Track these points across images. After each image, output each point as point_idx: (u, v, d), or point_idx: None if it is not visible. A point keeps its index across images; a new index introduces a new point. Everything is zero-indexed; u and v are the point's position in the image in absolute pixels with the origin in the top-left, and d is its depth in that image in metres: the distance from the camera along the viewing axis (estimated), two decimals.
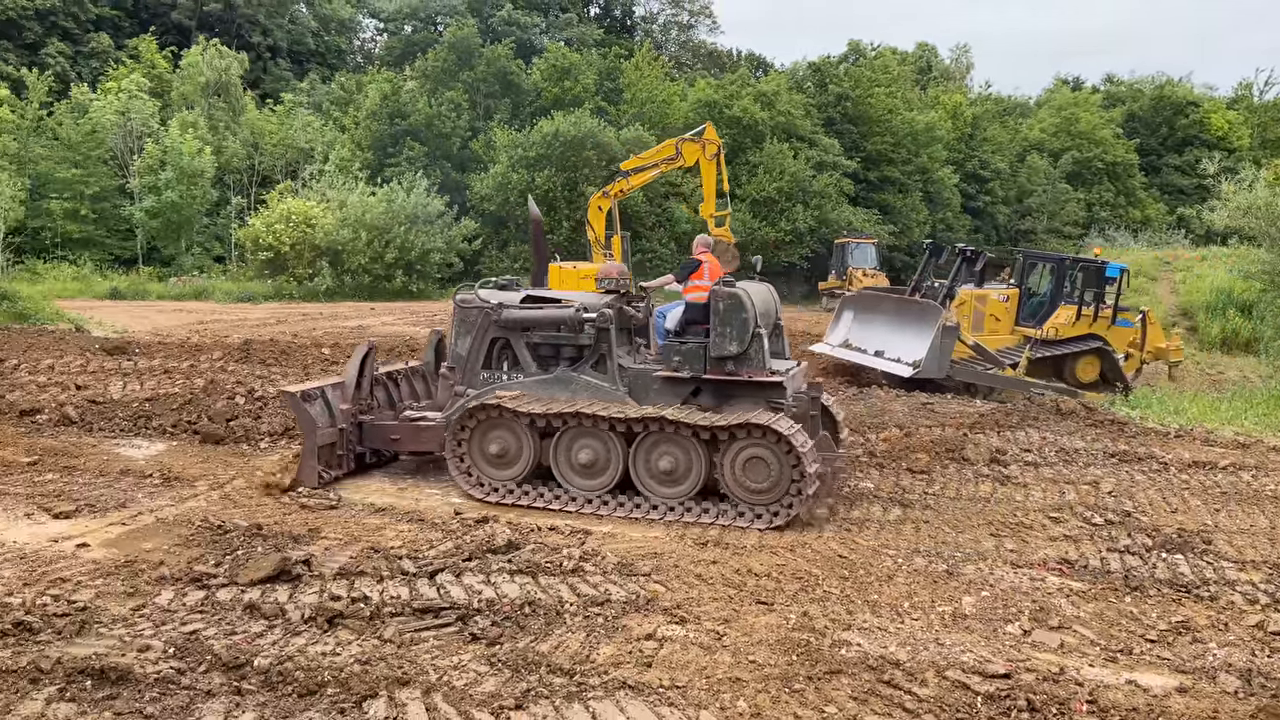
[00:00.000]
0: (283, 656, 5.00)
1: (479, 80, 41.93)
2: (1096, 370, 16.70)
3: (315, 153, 38.81)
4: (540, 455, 8.61)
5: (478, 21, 48.26)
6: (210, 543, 6.92)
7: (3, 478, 8.36)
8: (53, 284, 28.03)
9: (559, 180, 36.53)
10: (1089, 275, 17.12)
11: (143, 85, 37.61)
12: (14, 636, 5.08)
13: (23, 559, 6.45)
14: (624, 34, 61.89)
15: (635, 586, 6.23)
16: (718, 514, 8.09)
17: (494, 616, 5.66)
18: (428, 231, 33.42)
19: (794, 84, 46.21)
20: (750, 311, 8.33)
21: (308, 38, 55.90)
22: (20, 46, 42.31)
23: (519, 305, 9.22)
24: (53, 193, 33.54)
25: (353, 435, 9.34)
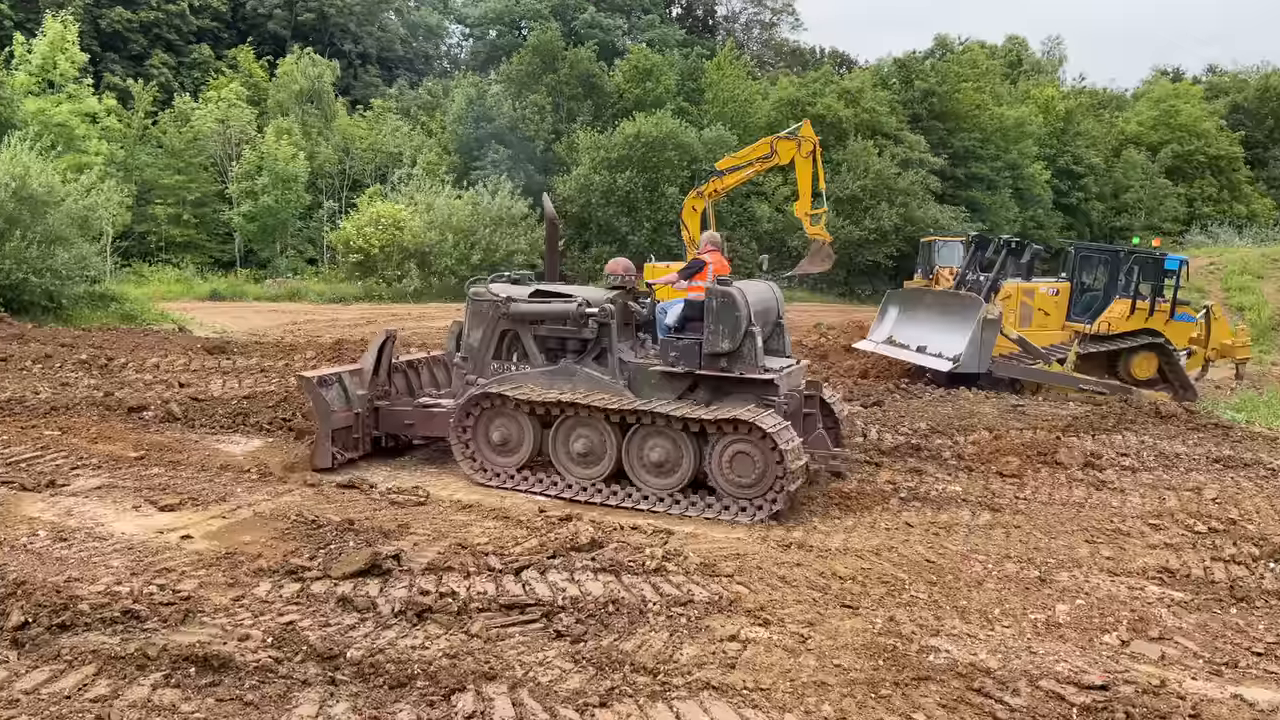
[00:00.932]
0: (374, 649, 5.12)
1: (562, 83, 42.32)
2: (1153, 367, 16.00)
3: (403, 157, 39.66)
4: (540, 443, 8.99)
5: (561, 25, 48.75)
6: (305, 537, 7.13)
7: (112, 471, 8.74)
8: (157, 286, 29.22)
9: (640, 181, 36.66)
10: (1147, 268, 16.41)
11: (241, 94, 38.95)
12: (122, 624, 5.30)
13: (130, 549, 6.74)
14: (706, 34, 61.82)
15: (718, 587, 6.22)
16: (705, 507, 8.31)
17: (578, 614, 5.71)
18: (511, 233, 33.85)
19: (878, 80, 45.52)
20: (743, 310, 8.48)
21: (396, 44, 57.21)
22: (127, 58, 44.24)
23: (527, 299, 9.49)
24: (157, 199, 34.98)
25: (369, 420, 9.78)
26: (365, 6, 54.41)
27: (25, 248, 18.79)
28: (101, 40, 42.82)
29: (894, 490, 9.00)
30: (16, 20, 39.41)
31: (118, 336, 16.69)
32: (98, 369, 13.26)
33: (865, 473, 9.64)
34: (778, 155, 21.12)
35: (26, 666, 4.77)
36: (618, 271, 9.65)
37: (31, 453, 9.12)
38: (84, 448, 9.48)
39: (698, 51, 50.03)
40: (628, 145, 36.84)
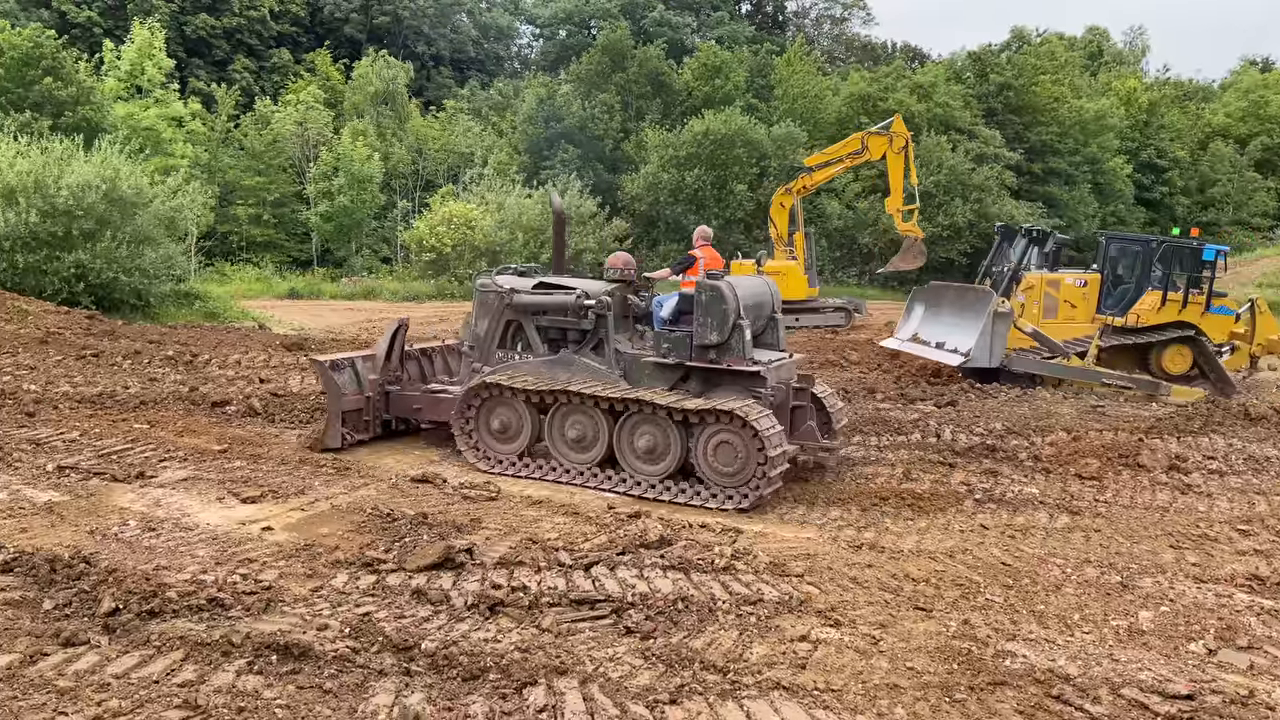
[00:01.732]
0: (448, 641, 5.21)
1: (631, 82, 42.44)
2: (1187, 361, 15.49)
3: (475, 157, 40.18)
4: (538, 430, 9.33)
5: (630, 24, 48.87)
6: (380, 530, 7.28)
7: (197, 463, 9.03)
8: (238, 284, 30.09)
9: (708, 179, 36.59)
10: (1184, 258, 15.74)
11: (318, 97, 39.89)
12: (208, 611, 5.48)
13: (215, 540, 6.96)
14: (775, 30, 61.41)
15: (788, 587, 6.18)
16: (692, 494, 8.55)
17: (647, 611, 5.73)
18: (580, 232, 34.05)
19: (952, 74, 44.71)
20: (731, 303, 8.68)
21: (468, 46, 57.98)
22: (210, 64, 45.63)
23: (530, 291, 9.80)
24: (238, 200, 36.02)
25: (379, 403, 10.25)
26: (438, 9, 55.26)
27: (116, 248, 19.49)
28: (187, 46, 44.22)
29: (968, 492, 8.84)
30: (106, 28, 40.95)
31: (201, 333, 17.22)
32: (183, 365, 13.71)
33: (938, 474, 9.48)
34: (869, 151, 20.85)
35: (117, 651, 4.95)
36: (617, 265, 9.90)
37: (122, 445, 9.47)
38: (171, 441, 9.81)
39: (767, 48, 49.71)
40: (696, 143, 36.80)
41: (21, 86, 25.96)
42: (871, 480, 9.25)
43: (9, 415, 10.17)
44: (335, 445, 9.86)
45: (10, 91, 25.67)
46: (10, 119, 23.95)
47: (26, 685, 4.53)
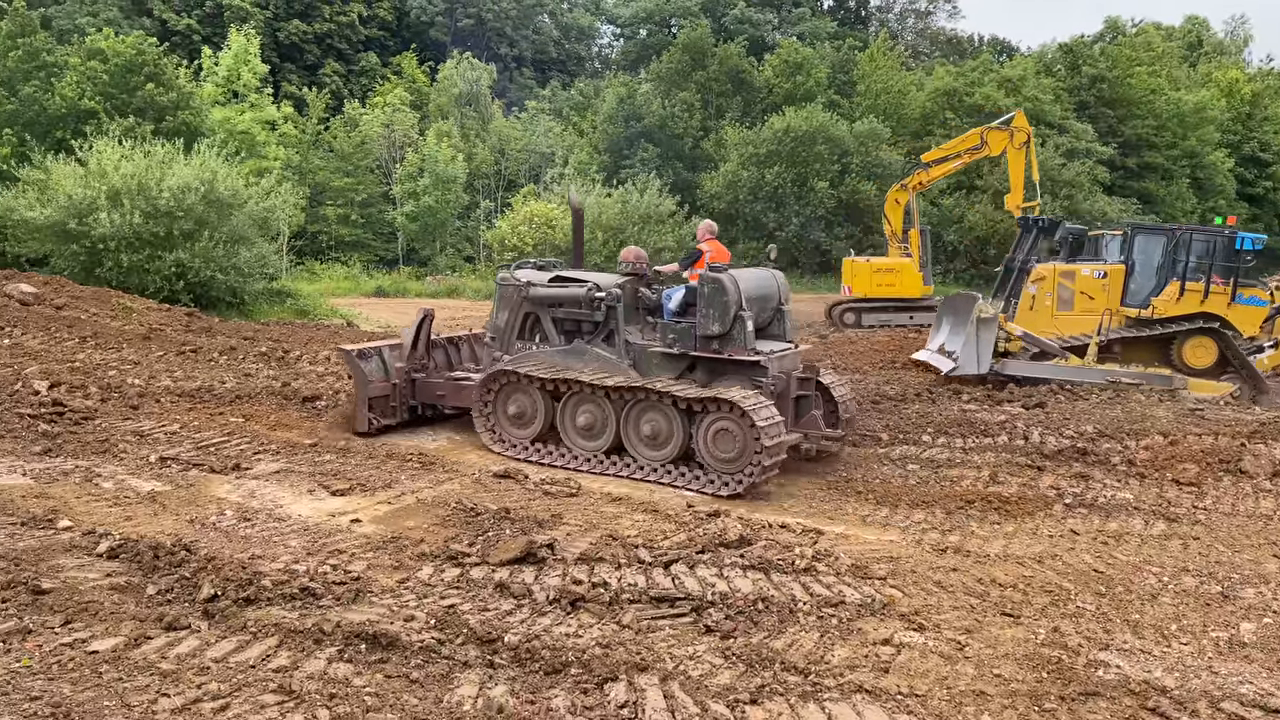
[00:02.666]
0: (530, 635, 5.28)
1: (711, 80, 42.32)
2: (1211, 354, 14.66)
3: (555, 157, 40.55)
4: (551, 417, 9.74)
5: (711, 21, 48.72)
6: (464, 524, 7.41)
7: (289, 456, 9.32)
8: (328, 283, 30.91)
9: (789, 176, 36.27)
10: (1216, 247, 14.95)
11: (404, 99, 40.70)
12: (300, 600, 5.65)
13: (306, 531, 7.17)
14: (858, 25, 60.56)
15: (870, 590, 6.10)
16: (691, 479, 8.91)
17: (727, 610, 5.72)
18: (659, 230, 34.09)
19: (1042, 67, 43.47)
20: (732, 296, 8.97)
21: (550, 47, 58.53)
22: (302, 68, 46.95)
23: (546, 284, 10.23)
24: (328, 200, 36.98)
25: (406, 390, 10.70)
26: (521, 11, 55.89)
27: (213, 247, 20.22)
28: (280, 52, 45.57)
29: (1058, 496, 8.60)
30: (204, 35, 42.44)
31: (293, 330, 17.73)
32: (276, 361, 14.15)
33: (1026, 477, 9.25)
34: (988, 146, 20.40)
35: (216, 636, 5.14)
36: (629, 259, 10.19)
37: (219, 438, 9.83)
38: (264, 434, 10.14)
39: (849, 43, 49.05)
40: (776, 140, 36.51)
41: (125, 92, 27.05)
42: (956, 483, 9.07)
43: (115, 408, 10.64)
44: (362, 430, 10.33)
45: (115, 97, 26.77)
46: (115, 124, 24.99)
47: (131, 667, 4.73)
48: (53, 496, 7.61)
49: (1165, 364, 14.81)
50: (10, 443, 9.19)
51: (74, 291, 16.26)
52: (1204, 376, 14.23)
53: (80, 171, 20.56)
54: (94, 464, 8.72)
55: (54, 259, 20.59)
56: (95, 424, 9.96)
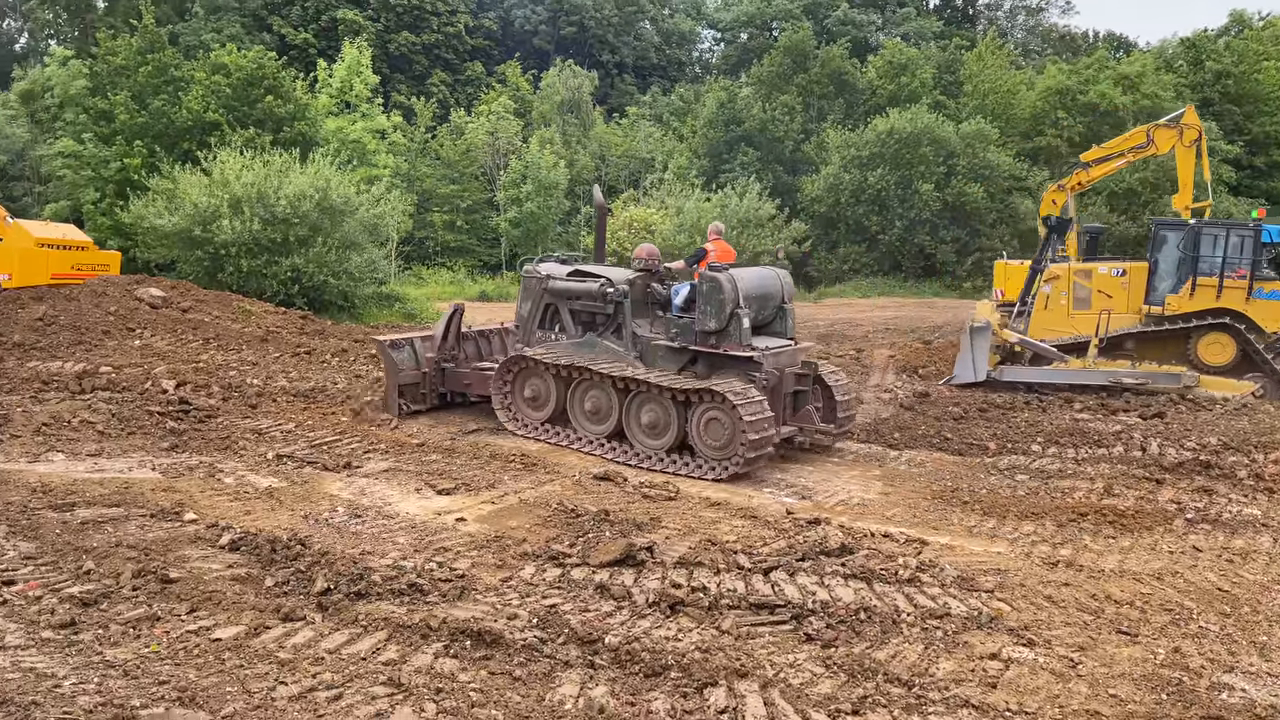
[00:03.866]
0: (630, 637, 5.31)
1: (813, 82, 41.89)
2: (1229, 351, 14.18)
3: (655, 162, 40.72)
4: (562, 400, 10.43)
5: (812, 24, 48.23)
6: (565, 524, 7.51)
7: (398, 456, 9.60)
8: (434, 287, 31.70)
9: (892, 179, 35.60)
10: (1242, 242, 14.34)
11: (508, 107, 41.47)
12: (408, 596, 5.82)
13: (413, 528, 7.38)
14: (965, 24, 59.10)
15: (977, 602, 5.95)
16: (681, 465, 9.50)
17: (828, 619, 5.65)
18: (759, 234, 33.89)
19: (1162, 63, 41.65)
20: (728, 294, 9.48)
21: (651, 53, 58.84)
22: (411, 78, 48.30)
23: (564, 278, 10.86)
24: (434, 207, 37.95)
25: (436, 378, 11.54)
26: (622, 18, 56.36)
27: (326, 253, 20.97)
28: (390, 63, 46.98)
29: (1178, 511, 8.22)
30: (320, 48, 44.04)
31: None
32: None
33: (1144, 490, 8.87)
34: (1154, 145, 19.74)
35: (329, 628, 5.33)
36: (642, 256, 10.72)
37: (331, 436, 10.19)
38: (373, 434, 10.47)
39: (956, 43, 47.89)
40: (880, 142, 35.88)
41: (246, 105, 28.26)
42: (1068, 495, 8.76)
43: (235, 407, 11.13)
44: (394, 414, 11.17)
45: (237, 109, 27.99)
46: (237, 135, 26.15)
47: (251, 655, 4.95)
48: (179, 490, 8.01)
49: (1184, 362, 14.36)
50: (141, 438, 9.71)
51: (198, 295, 17.06)
52: (1223, 374, 13.91)
53: (205, 181, 21.59)
54: (216, 460, 9.14)
55: (180, 264, 21.68)
56: (217, 422, 10.44)
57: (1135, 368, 13.81)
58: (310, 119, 30.30)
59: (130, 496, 7.66)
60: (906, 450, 10.67)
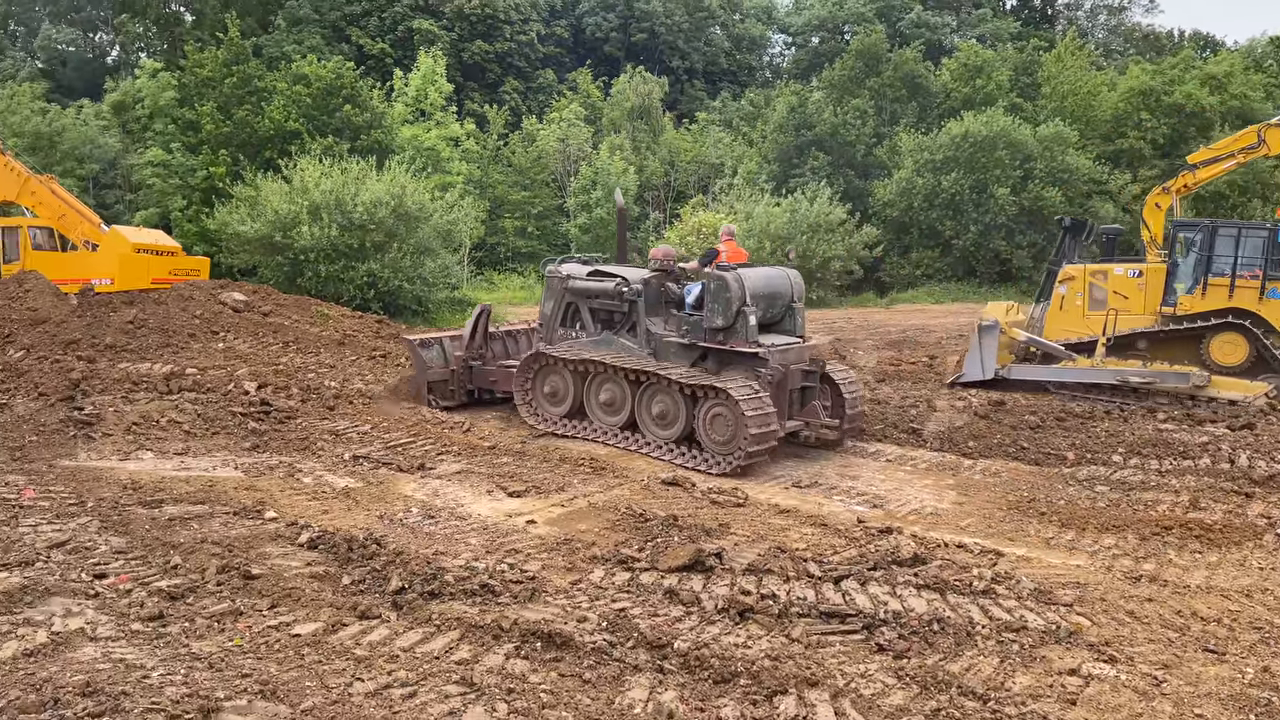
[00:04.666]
0: (699, 642, 5.31)
1: (885, 86, 41.39)
2: (1242, 351, 14.15)
3: (725, 167, 40.66)
4: (579, 395, 10.89)
5: (885, 27, 47.67)
6: (633, 529, 7.54)
7: (470, 458, 9.75)
8: (504, 292, 32.10)
9: (966, 183, 34.97)
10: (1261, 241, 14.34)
11: (579, 114, 41.83)
12: (480, 596, 5.90)
13: (485, 530, 7.48)
14: (1044, 24, 57.84)
15: (1055, 616, 5.81)
16: (688, 458, 9.90)
17: (900, 629, 5.58)
18: (828, 240, 33.59)
19: (1251, 63, 40.22)
20: (735, 292, 9.86)
21: (721, 58, 58.76)
22: (484, 86, 49.00)
23: (583, 278, 11.28)
24: (506, 213, 38.45)
25: (464, 376, 12.07)
26: (693, 23, 56.40)
27: (401, 258, 21.43)
28: (463, 71, 47.73)
29: (1269, 525, 7.92)
30: (396, 58, 44.96)
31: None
32: None
33: (1232, 504, 8.56)
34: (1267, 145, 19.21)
35: (404, 626, 5.43)
36: (658, 256, 11.15)
37: (406, 438, 10.39)
38: (446, 436, 10.65)
39: (1034, 43, 46.84)
40: (954, 146, 35.27)
41: (325, 114, 29.01)
42: (1151, 507, 8.50)
43: (314, 409, 11.41)
44: (422, 403, 11.83)
45: (316, 119, 28.75)
46: (316, 143, 26.84)
47: (329, 651, 5.07)
48: (260, 489, 8.25)
49: (1196, 363, 14.21)
50: (224, 438, 10.02)
51: (278, 299, 17.53)
52: (1236, 375, 13.79)
53: (285, 188, 22.22)
54: (295, 460, 9.39)
55: (261, 269, 22.35)
56: (296, 423, 10.72)
57: (1147, 368, 13.59)
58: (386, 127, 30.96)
59: (214, 494, 7.92)
60: (981, 459, 10.48)
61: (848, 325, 23.72)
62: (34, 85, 37.80)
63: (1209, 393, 12.85)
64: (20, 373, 11.87)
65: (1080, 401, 13.16)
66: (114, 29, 50.20)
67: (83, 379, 11.59)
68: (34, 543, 6.53)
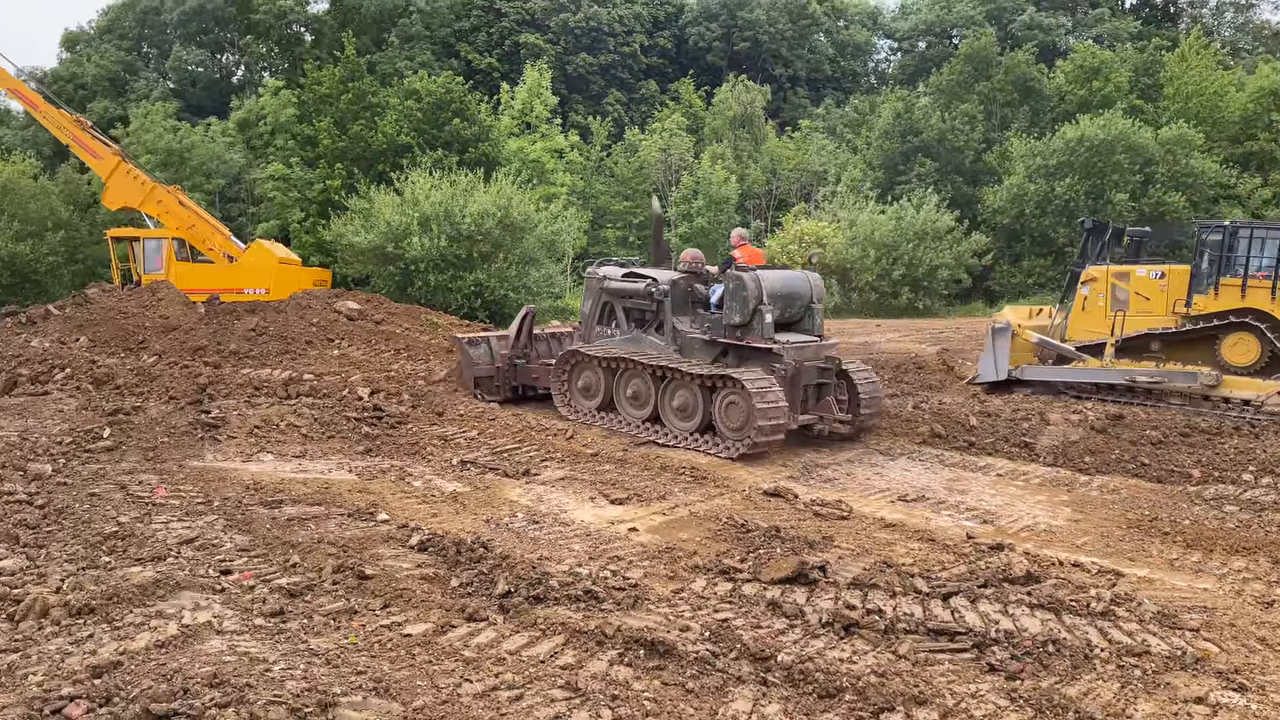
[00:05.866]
0: (803, 656, 5.25)
1: (995, 90, 40.33)
2: (1254, 351, 14.16)
3: (828, 175, 40.24)
4: (610, 390, 11.68)
5: (996, 29, 46.47)
6: (735, 539, 7.50)
7: (573, 465, 9.87)
8: None
9: (1082, 188, 33.76)
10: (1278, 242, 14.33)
11: (681, 124, 42.03)
12: (584, 602, 5.96)
13: (588, 536, 7.56)
14: (1165, 23, 55.45)
15: (1180, 641, 5.54)
16: (704, 442, 10.66)
17: (1013, 650, 5.41)
18: (936, 247, 32.88)
19: None
20: (751, 291, 10.61)
21: (825, 65, 58.23)
22: (587, 98, 49.70)
23: (618, 279, 12.01)
24: (608, 222, 38.89)
25: (509, 373, 12.88)
26: (796, 31, 56.05)
27: (506, 268, 21.91)
28: (568, 83, 48.52)
29: None
30: (503, 72, 46.00)
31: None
32: None
33: None
34: None
35: (510, 629, 5.53)
36: (686, 260, 11.99)
37: (511, 444, 10.58)
38: (549, 443, 10.80)
39: (1156, 43, 44.98)
40: (1069, 150, 34.12)
41: (435, 128, 29.87)
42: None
43: (423, 414, 11.73)
44: (469, 393, 12.66)
45: (426, 132, 29.62)
46: (426, 156, 27.64)
47: (439, 652, 5.20)
48: (373, 492, 8.52)
49: (1210, 363, 14.15)
50: (339, 442, 10.39)
51: (390, 308, 18.08)
52: (1250, 375, 13.68)
53: (397, 200, 22.94)
54: (406, 464, 9.67)
55: (374, 279, 23.12)
56: (407, 428, 11.04)
57: (1160, 368, 13.41)
58: (493, 140, 31.65)
59: (330, 496, 8.21)
60: (1098, 475, 10.09)
61: (955, 335, 23.12)
62: (165, 104, 40.01)
63: (1221, 392, 12.70)
64: (153, 377, 12.55)
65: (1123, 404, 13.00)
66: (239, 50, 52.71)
67: (209, 384, 12.19)
68: (165, 539, 6.89)
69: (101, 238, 30.60)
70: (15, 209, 28.89)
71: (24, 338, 14.89)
